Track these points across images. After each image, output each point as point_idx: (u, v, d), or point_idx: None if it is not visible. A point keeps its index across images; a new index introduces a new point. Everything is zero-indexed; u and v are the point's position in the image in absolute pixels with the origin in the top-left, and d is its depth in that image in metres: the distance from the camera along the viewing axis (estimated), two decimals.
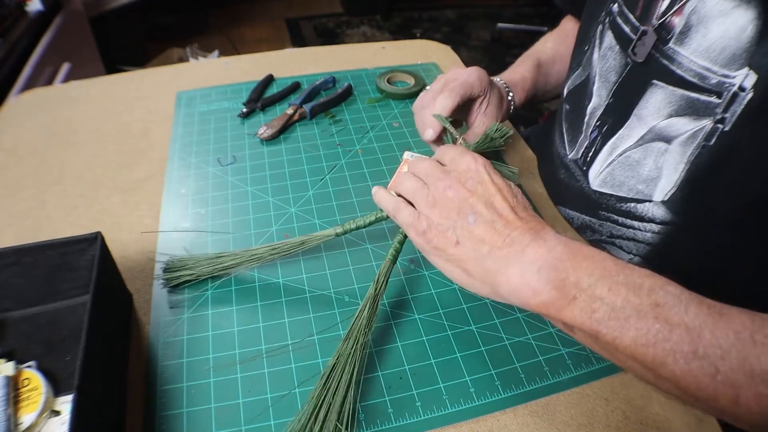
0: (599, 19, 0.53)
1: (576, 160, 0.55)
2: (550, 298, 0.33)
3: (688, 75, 0.41)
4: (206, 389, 0.42)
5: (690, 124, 0.42)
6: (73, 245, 0.44)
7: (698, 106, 0.41)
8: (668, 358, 0.30)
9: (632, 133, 0.48)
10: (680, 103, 0.43)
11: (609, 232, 0.52)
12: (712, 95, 0.40)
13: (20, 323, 0.46)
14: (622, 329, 0.31)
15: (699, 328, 0.30)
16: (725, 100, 0.39)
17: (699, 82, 0.41)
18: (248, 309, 0.48)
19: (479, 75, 0.53)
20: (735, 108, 0.38)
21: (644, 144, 0.47)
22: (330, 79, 0.78)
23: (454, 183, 0.39)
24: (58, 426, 0.39)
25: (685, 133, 0.43)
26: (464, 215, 0.37)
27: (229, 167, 0.64)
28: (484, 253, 0.36)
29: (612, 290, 0.32)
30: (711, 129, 0.41)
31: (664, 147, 0.45)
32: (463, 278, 0.38)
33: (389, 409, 0.41)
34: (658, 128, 0.45)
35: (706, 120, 0.41)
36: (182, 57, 2.03)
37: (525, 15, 2.95)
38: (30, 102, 0.78)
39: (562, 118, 0.60)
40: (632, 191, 0.49)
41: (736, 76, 0.38)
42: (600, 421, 0.41)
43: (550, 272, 0.33)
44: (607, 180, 0.51)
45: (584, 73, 0.55)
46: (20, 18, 1.12)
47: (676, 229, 0.46)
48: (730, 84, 0.39)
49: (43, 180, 0.63)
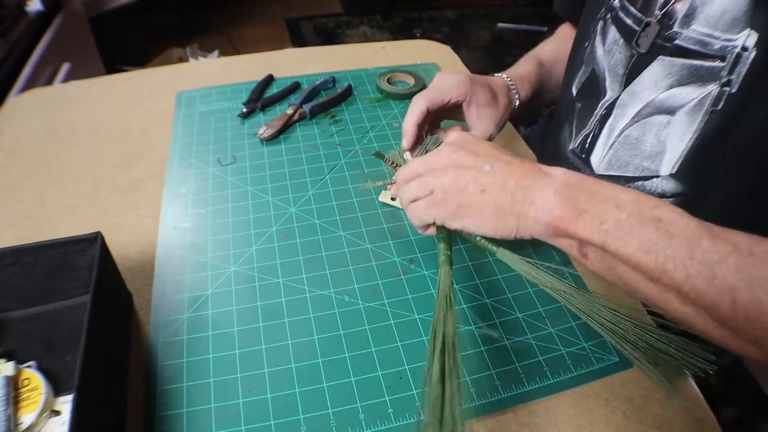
0: (599, 15, 0.53)
1: (574, 149, 0.56)
2: (563, 213, 0.36)
3: (689, 44, 0.42)
4: (206, 389, 0.42)
5: (695, 92, 0.42)
6: (73, 245, 0.44)
7: (702, 72, 0.41)
8: (668, 264, 0.31)
9: (625, 112, 0.48)
10: (681, 73, 0.43)
11: None
12: (716, 60, 0.40)
13: (20, 323, 0.46)
14: (626, 238, 0.33)
15: (698, 237, 0.31)
16: (729, 63, 0.39)
17: (701, 49, 0.41)
18: (248, 309, 0.48)
19: (457, 80, 0.54)
20: (740, 68, 0.39)
21: (641, 120, 0.47)
22: (330, 79, 0.78)
23: (455, 148, 0.41)
24: (58, 426, 0.39)
25: (691, 102, 0.43)
26: (479, 167, 0.39)
27: (229, 167, 0.64)
28: (512, 187, 0.39)
29: (619, 206, 0.34)
30: (718, 93, 0.41)
31: (666, 119, 0.45)
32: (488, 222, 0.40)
33: (389, 409, 0.41)
34: (658, 101, 0.45)
35: (712, 85, 0.41)
36: (182, 57, 2.03)
37: (525, 15, 2.95)
38: (30, 102, 0.78)
39: (574, 115, 0.60)
40: (638, 169, 0.49)
41: (738, 38, 0.38)
42: (600, 421, 0.41)
43: (564, 192, 0.37)
44: (613, 162, 0.51)
45: (587, 69, 0.55)
46: (20, 18, 1.12)
47: (688, 199, 0.46)
48: (732, 46, 0.39)
49: (43, 180, 0.63)
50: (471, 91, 0.54)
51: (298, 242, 0.55)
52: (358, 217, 0.58)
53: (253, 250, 0.54)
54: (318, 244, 0.54)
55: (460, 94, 0.54)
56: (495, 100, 0.57)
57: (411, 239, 0.55)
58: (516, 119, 0.65)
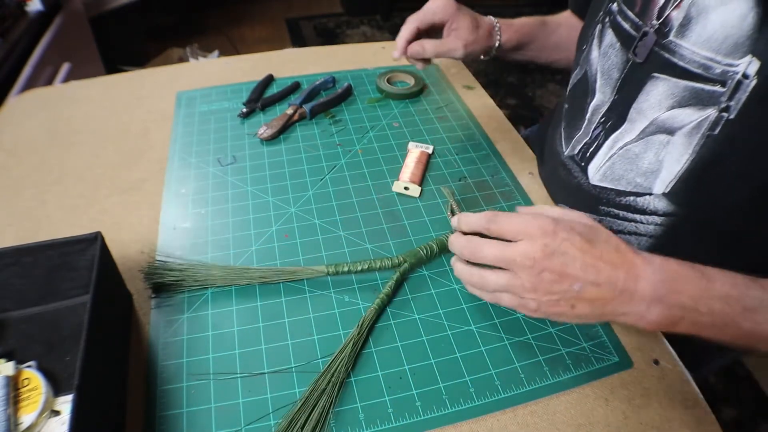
0: (597, 18, 0.54)
1: (573, 156, 0.56)
2: (661, 325, 0.39)
3: (692, 66, 0.42)
4: (206, 389, 0.42)
5: (694, 114, 0.42)
6: (73, 245, 0.44)
7: (703, 95, 0.41)
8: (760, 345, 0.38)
9: (634, 127, 0.48)
10: (683, 94, 0.43)
11: (609, 227, 0.53)
12: (717, 84, 0.40)
13: (20, 323, 0.46)
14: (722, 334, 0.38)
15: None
16: (729, 89, 0.39)
17: (703, 73, 0.41)
18: (248, 309, 0.48)
19: (443, 3, 0.61)
20: (740, 95, 0.39)
21: (645, 137, 0.47)
22: (330, 79, 0.78)
23: (543, 263, 0.38)
24: (58, 426, 0.39)
25: (690, 124, 0.43)
26: (568, 287, 0.39)
27: (229, 167, 0.64)
28: (599, 306, 0.39)
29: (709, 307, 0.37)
30: (716, 118, 0.41)
31: (666, 139, 0.45)
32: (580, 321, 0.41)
33: (389, 409, 0.41)
34: (660, 120, 0.45)
35: (711, 109, 0.41)
36: (182, 57, 2.03)
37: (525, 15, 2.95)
38: (30, 102, 0.78)
39: (562, 116, 0.60)
40: (630, 184, 0.49)
41: (740, 64, 0.38)
42: (600, 421, 0.41)
43: (658, 305, 0.38)
44: (607, 174, 0.51)
45: (581, 71, 0.55)
46: (20, 18, 1.12)
47: (679, 220, 0.46)
48: (734, 72, 0.39)
49: (43, 180, 0.63)
50: (454, 14, 0.61)
51: (298, 242, 0.55)
52: (358, 217, 0.58)
53: (253, 250, 0.54)
54: (318, 244, 0.54)
55: (446, 14, 0.61)
56: (476, 28, 0.62)
57: (411, 239, 0.55)
58: (516, 119, 0.65)
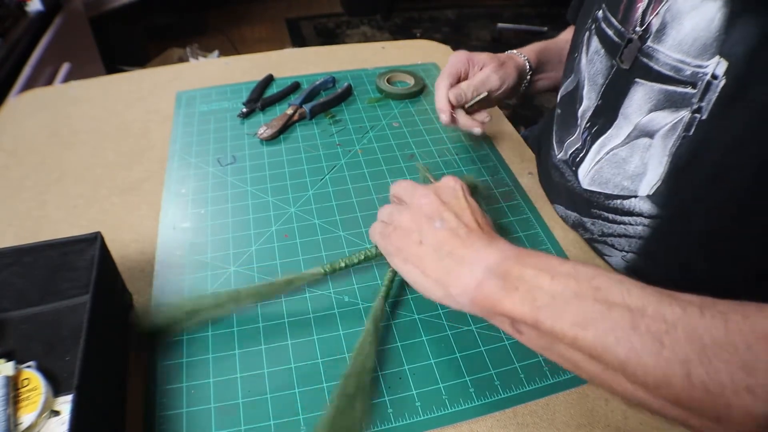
0: (586, 26, 0.55)
1: (566, 160, 0.56)
2: (492, 289, 0.34)
3: (665, 69, 0.42)
4: (206, 389, 0.42)
5: (669, 117, 0.43)
6: (73, 245, 0.44)
7: (676, 98, 0.42)
8: (608, 338, 0.28)
9: (620, 132, 0.49)
10: (659, 97, 0.44)
11: (600, 230, 0.53)
12: (688, 86, 0.41)
13: (20, 323, 0.46)
14: (561, 313, 0.30)
15: (642, 306, 0.28)
16: (700, 90, 0.40)
17: (675, 75, 0.41)
18: (248, 309, 0.48)
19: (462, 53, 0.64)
20: (710, 96, 0.39)
21: (630, 141, 0.48)
22: (330, 79, 0.78)
23: (431, 194, 0.42)
24: (58, 426, 0.39)
25: (665, 126, 0.43)
26: (432, 221, 0.40)
27: (228, 167, 0.64)
28: (443, 253, 0.38)
29: (554, 279, 0.32)
30: (689, 119, 0.41)
31: (648, 142, 0.46)
32: (419, 278, 0.39)
33: (389, 409, 0.41)
34: (642, 124, 0.46)
35: (684, 111, 0.41)
36: (182, 57, 2.03)
37: (525, 15, 2.95)
38: (30, 102, 0.78)
39: (553, 121, 0.61)
40: (618, 188, 0.49)
41: (709, 65, 0.39)
42: (600, 421, 0.41)
43: (496, 267, 0.35)
44: (595, 178, 0.52)
45: (575, 79, 0.56)
46: (20, 18, 1.12)
47: (663, 221, 0.47)
48: (703, 73, 0.39)
49: (43, 180, 0.63)
50: (474, 57, 0.64)
51: (298, 242, 0.55)
52: (358, 217, 0.58)
53: (253, 250, 0.54)
54: (318, 244, 0.54)
55: (467, 61, 0.63)
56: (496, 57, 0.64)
57: None
58: (516, 119, 0.65)
